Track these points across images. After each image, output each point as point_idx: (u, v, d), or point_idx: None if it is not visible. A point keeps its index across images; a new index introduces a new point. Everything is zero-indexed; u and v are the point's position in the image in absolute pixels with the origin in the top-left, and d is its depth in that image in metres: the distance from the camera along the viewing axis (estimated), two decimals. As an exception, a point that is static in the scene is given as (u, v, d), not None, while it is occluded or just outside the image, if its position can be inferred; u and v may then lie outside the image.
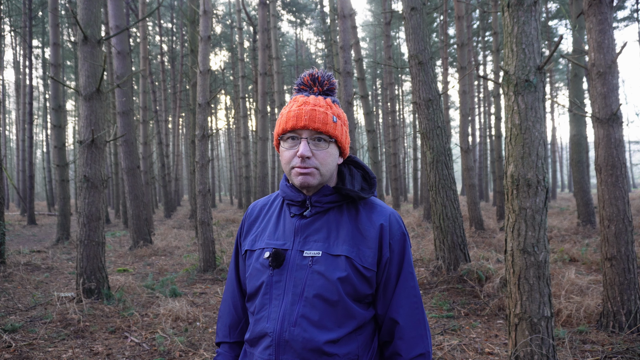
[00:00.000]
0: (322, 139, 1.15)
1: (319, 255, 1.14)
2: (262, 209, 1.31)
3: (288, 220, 1.21)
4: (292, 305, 1.12)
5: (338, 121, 1.18)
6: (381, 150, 31.49)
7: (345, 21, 9.37)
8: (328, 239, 1.16)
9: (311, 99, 1.19)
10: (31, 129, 16.83)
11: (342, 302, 1.12)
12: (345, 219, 1.18)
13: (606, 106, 3.74)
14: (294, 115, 1.15)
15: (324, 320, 1.11)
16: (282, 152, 1.19)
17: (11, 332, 3.97)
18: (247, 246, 1.26)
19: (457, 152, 40.39)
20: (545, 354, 2.64)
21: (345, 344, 1.13)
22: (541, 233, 2.69)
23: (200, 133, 6.96)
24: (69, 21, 18.76)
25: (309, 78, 1.23)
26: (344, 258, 1.13)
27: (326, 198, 1.18)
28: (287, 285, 1.14)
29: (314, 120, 1.14)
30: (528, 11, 2.66)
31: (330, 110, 1.18)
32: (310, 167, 1.14)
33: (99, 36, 5.12)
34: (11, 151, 41.33)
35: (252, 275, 1.21)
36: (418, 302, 1.20)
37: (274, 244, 1.19)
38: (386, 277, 1.18)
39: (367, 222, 1.18)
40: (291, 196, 1.21)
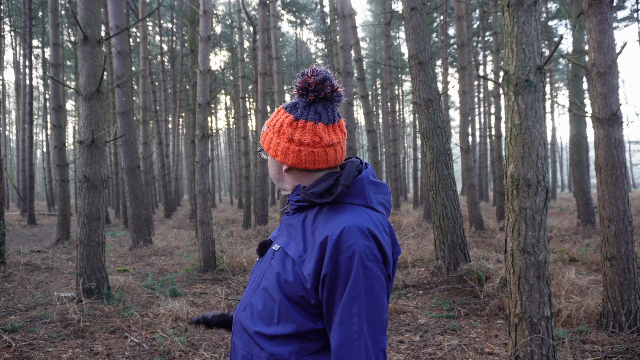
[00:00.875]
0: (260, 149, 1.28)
1: (278, 250, 1.17)
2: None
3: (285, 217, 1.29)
4: (251, 292, 1.19)
5: (267, 130, 1.19)
6: (381, 150, 31.49)
7: (345, 21, 9.37)
8: (290, 237, 1.16)
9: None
10: (31, 129, 16.84)
11: (282, 301, 1.10)
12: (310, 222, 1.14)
13: (606, 106, 3.74)
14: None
15: (265, 313, 1.13)
16: None
17: (11, 332, 3.97)
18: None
19: (457, 152, 40.40)
20: (545, 354, 2.64)
21: (278, 344, 1.10)
22: (541, 233, 2.69)
23: (200, 133, 6.96)
24: (69, 21, 18.76)
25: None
26: (291, 259, 1.11)
27: (295, 197, 1.19)
28: (257, 273, 1.22)
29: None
30: (528, 11, 2.66)
31: (268, 120, 1.20)
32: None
33: (99, 36, 5.12)
34: (11, 151, 41.33)
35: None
36: (358, 333, 1.00)
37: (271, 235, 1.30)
38: (328, 295, 1.04)
39: (320, 231, 1.09)
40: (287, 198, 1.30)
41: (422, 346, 3.64)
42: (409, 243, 8.65)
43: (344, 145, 1.20)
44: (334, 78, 1.16)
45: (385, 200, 1.18)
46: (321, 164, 1.15)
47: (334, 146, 1.15)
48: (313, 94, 1.12)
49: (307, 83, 1.12)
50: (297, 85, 1.14)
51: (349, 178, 1.12)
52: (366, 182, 1.14)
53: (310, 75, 1.12)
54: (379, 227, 1.08)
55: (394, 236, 1.13)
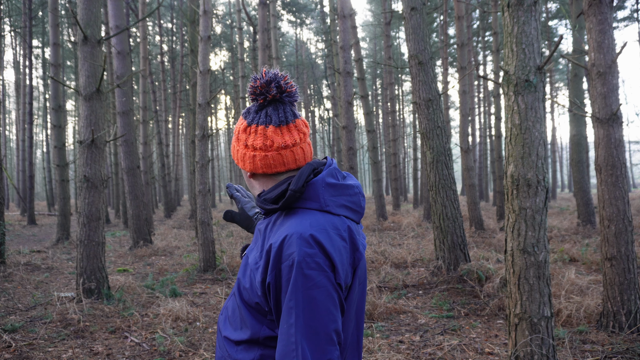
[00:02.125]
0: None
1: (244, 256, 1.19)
2: None
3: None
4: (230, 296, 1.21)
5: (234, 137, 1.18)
6: (381, 150, 31.50)
7: (345, 21, 9.37)
8: (255, 242, 1.17)
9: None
10: (31, 129, 16.83)
11: (242, 307, 1.12)
12: (269, 227, 1.12)
13: (606, 106, 3.74)
14: None
15: (234, 317, 1.15)
16: None
17: (11, 332, 3.97)
18: None
19: (457, 152, 40.40)
20: (545, 354, 2.64)
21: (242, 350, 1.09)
22: (541, 233, 2.69)
23: (200, 133, 6.96)
24: (69, 21, 18.76)
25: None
26: (250, 267, 1.11)
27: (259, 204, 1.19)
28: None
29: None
30: (528, 11, 2.66)
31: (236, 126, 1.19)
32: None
33: (99, 36, 5.12)
34: (11, 151, 41.33)
35: None
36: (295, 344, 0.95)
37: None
38: (274, 304, 1.03)
39: (268, 237, 1.09)
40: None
41: (422, 346, 3.64)
42: (409, 243, 8.65)
43: (304, 146, 1.14)
44: (285, 79, 1.12)
45: (351, 201, 1.11)
46: (278, 167, 1.11)
47: (290, 148, 1.10)
48: (261, 97, 1.11)
49: (254, 87, 1.11)
50: (249, 90, 1.13)
51: (299, 182, 1.07)
52: (320, 184, 1.08)
53: (257, 79, 1.11)
54: (330, 232, 1.02)
55: (355, 241, 1.06)
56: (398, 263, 6.95)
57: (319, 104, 36.95)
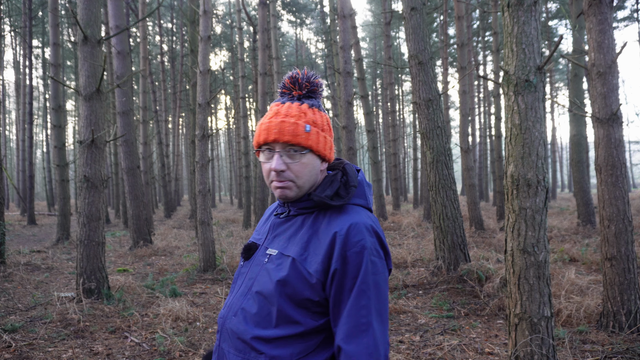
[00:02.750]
0: (294, 151, 1.12)
1: (275, 253, 1.15)
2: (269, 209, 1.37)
3: (272, 219, 1.26)
4: (241, 296, 1.16)
5: (312, 129, 1.13)
6: (381, 150, 31.49)
7: (345, 21, 9.37)
8: (289, 240, 1.16)
9: (283, 108, 1.15)
10: (31, 129, 16.84)
11: (281, 304, 1.09)
12: (310, 223, 1.16)
13: (606, 106, 3.74)
14: (264, 129, 1.14)
15: (261, 317, 1.11)
16: (261, 164, 1.19)
17: (11, 332, 3.97)
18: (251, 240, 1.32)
19: (457, 152, 40.39)
20: (545, 354, 2.64)
21: (279, 346, 1.09)
22: (541, 233, 2.69)
23: (200, 133, 6.96)
24: (69, 21, 18.76)
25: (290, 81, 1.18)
26: (291, 259, 1.11)
27: (300, 204, 1.17)
28: (247, 278, 1.19)
29: (283, 133, 1.11)
30: (528, 11, 2.66)
31: (304, 119, 1.13)
32: (285, 181, 1.12)
33: (99, 36, 5.12)
34: (11, 151, 41.33)
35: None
36: (366, 325, 1.03)
37: (253, 238, 1.28)
38: (336, 290, 1.07)
39: (325, 229, 1.12)
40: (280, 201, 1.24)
41: (422, 346, 3.64)
42: (409, 243, 8.65)
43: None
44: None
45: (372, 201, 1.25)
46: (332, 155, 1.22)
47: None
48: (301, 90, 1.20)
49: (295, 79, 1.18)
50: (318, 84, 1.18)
51: (356, 180, 1.18)
52: (365, 184, 1.21)
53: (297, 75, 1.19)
54: (378, 226, 1.15)
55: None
56: (398, 263, 6.95)
57: (319, 104, 36.87)
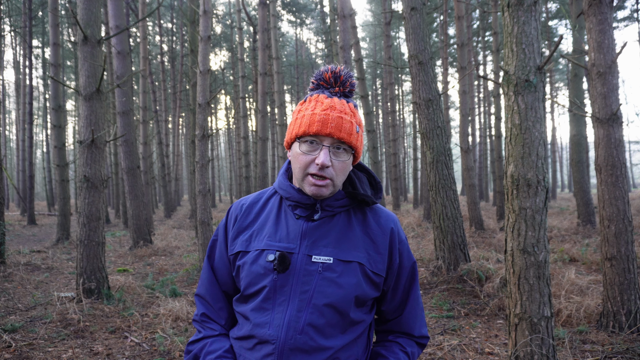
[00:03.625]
0: (342, 149, 1.09)
1: (330, 261, 1.09)
2: (252, 206, 1.22)
3: (292, 221, 1.14)
4: (298, 312, 1.06)
5: (360, 131, 1.13)
6: (381, 150, 31.48)
7: (345, 21, 9.37)
8: (338, 244, 1.11)
9: (336, 103, 1.10)
10: (31, 129, 16.83)
11: (351, 310, 1.09)
12: (354, 223, 1.15)
13: (606, 106, 3.74)
14: (320, 120, 1.07)
15: (330, 329, 1.08)
16: (296, 155, 1.11)
17: (11, 332, 3.97)
18: (240, 247, 1.16)
19: (457, 152, 40.40)
20: (545, 354, 2.64)
21: (348, 349, 1.11)
22: (541, 233, 2.69)
23: (200, 133, 6.96)
24: (69, 21, 18.75)
25: (331, 75, 1.14)
26: (357, 264, 1.10)
27: (338, 202, 1.14)
28: (294, 291, 1.08)
29: (340, 129, 1.07)
30: (528, 11, 2.66)
31: (355, 119, 1.12)
32: (326, 179, 1.08)
33: (99, 36, 5.12)
34: (11, 151, 41.32)
35: (248, 277, 1.12)
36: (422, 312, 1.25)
37: (277, 246, 1.11)
38: (395, 282, 1.18)
39: (376, 227, 1.16)
40: (298, 198, 1.13)
41: (422, 346, 3.64)
42: (409, 243, 8.64)
43: None
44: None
45: None
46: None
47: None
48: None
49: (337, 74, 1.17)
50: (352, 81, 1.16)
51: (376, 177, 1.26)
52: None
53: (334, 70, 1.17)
54: None
55: None
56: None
57: (319, 104, 36.86)
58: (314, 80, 1.16)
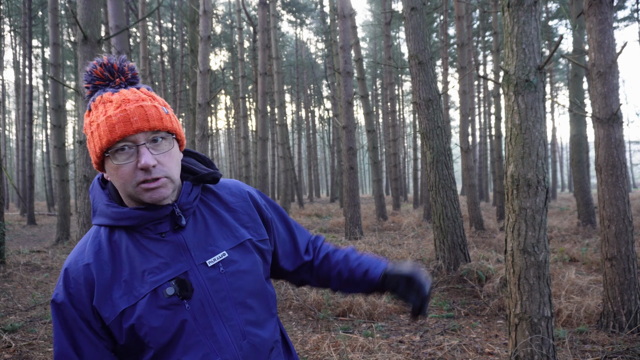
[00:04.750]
0: (160, 138, 0.93)
1: (226, 255, 0.99)
2: (98, 258, 0.95)
3: (160, 244, 0.96)
4: (230, 320, 0.96)
5: (169, 111, 0.97)
6: (381, 150, 31.50)
7: (345, 21, 9.37)
8: (219, 235, 1.01)
9: (127, 93, 0.94)
10: (31, 129, 16.85)
11: (265, 287, 1.05)
12: (215, 206, 1.05)
13: (606, 106, 3.74)
14: (119, 120, 0.89)
15: (261, 316, 1.02)
16: (113, 171, 0.92)
17: (11, 332, 3.97)
18: (122, 304, 0.92)
19: (457, 152, 40.41)
20: (546, 354, 2.64)
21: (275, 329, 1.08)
22: (541, 233, 2.69)
23: (200, 133, 6.96)
24: (69, 21, 18.76)
25: (102, 69, 0.96)
26: (247, 242, 1.04)
27: (192, 196, 1.00)
28: (213, 306, 0.95)
29: (148, 119, 0.91)
30: (528, 11, 2.65)
31: (156, 101, 0.96)
32: (160, 178, 0.92)
33: (98, 36, 5.12)
34: (11, 151, 41.33)
35: (154, 328, 0.92)
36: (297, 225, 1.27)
37: (165, 276, 0.93)
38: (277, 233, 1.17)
39: (234, 199, 1.09)
40: (151, 216, 0.94)
41: (422, 346, 3.64)
42: (409, 243, 8.65)
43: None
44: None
45: None
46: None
47: None
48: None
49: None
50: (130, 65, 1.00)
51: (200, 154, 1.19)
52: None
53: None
54: None
55: None
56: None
57: (319, 104, 36.94)
58: (87, 84, 0.98)
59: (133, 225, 0.95)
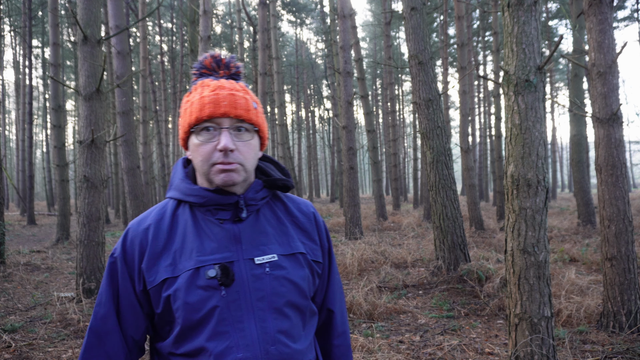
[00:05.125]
0: (244, 129, 0.99)
1: (275, 258, 1.00)
2: (158, 226, 1.02)
3: (217, 229, 1.00)
4: (263, 322, 0.96)
5: (258, 108, 1.03)
6: (381, 150, 31.51)
7: (345, 21, 9.37)
8: (275, 239, 1.03)
9: (224, 82, 1.01)
10: (31, 129, 16.84)
11: (308, 304, 1.05)
12: (280, 214, 1.08)
13: (606, 106, 3.74)
14: (210, 101, 0.97)
15: (295, 329, 1.00)
16: (195, 148, 0.99)
17: (11, 332, 3.97)
18: (164, 274, 0.97)
19: (457, 152, 40.40)
20: (546, 354, 2.64)
21: (310, 348, 1.06)
22: (541, 233, 2.69)
23: (200, 133, 6.96)
24: (69, 21, 18.75)
25: (212, 60, 1.06)
26: (300, 255, 1.05)
27: (259, 194, 1.04)
28: (249, 302, 0.96)
29: (235, 106, 0.97)
30: (528, 11, 2.65)
31: (249, 95, 1.03)
32: (234, 163, 0.96)
33: (98, 36, 5.12)
34: (11, 151, 41.33)
35: (187, 304, 0.94)
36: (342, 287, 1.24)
37: (212, 259, 0.97)
38: (328, 264, 1.17)
39: (301, 215, 1.11)
40: (217, 200, 0.99)
41: (422, 346, 3.64)
42: (409, 243, 8.65)
43: None
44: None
45: None
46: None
47: None
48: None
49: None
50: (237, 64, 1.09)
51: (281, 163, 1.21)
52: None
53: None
54: None
55: None
56: (398, 263, 6.95)
57: (319, 104, 36.95)
58: (196, 70, 1.07)
59: (198, 204, 1.01)
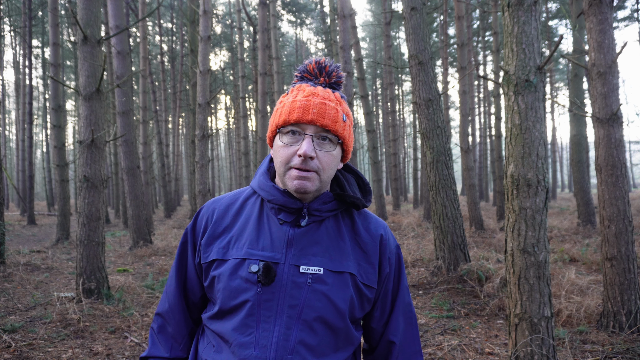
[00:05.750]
0: (328, 139, 0.99)
1: (320, 272, 0.98)
2: (227, 209, 1.09)
3: (276, 227, 1.02)
4: (287, 329, 0.96)
5: (347, 121, 1.03)
6: (381, 150, 31.50)
7: (345, 21, 9.37)
8: (328, 253, 1.01)
9: (320, 90, 1.02)
10: (31, 129, 16.83)
11: (345, 327, 1.01)
12: (344, 230, 1.05)
13: (606, 106, 3.74)
14: (300, 106, 0.98)
15: (323, 346, 0.98)
16: (278, 148, 1.01)
17: (11, 332, 3.97)
18: (215, 254, 1.03)
19: (457, 152, 40.40)
20: (546, 354, 2.64)
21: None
22: (541, 233, 2.69)
23: (200, 133, 6.96)
24: (69, 21, 18.75)
25: (315, 66, 1.05)
26: (348, 275, 1.01)
27: (326, 206, 1.03)
28: (281, 306, 0.96)
29: (323, 116, 0.97)
30: (528, 11, 2.65)
31: (341, 107, 1.02)
32: (310, 171, 0.97)
33: (98, 36, 5.12)
34: (11, 151, 41.33)
35: (226, 289, 0.99)
36: (413, 318, 1.13)
37: (260, 255, 0.99)
38: (384, 293, 1.09)
39: (366, 235, 1.07)
40: (283, 202, 1.01)
41: (422, 346, 3.64)
42: (409, 243, 8.65)
43: None
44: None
45: None
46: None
47: None
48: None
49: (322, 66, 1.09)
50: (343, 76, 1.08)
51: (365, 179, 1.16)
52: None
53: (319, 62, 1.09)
54: None
55: None
56: (398, 263, 6.93)
57: (319, 104, 36.87)
58: (298, 73, 1.08)
59: (268, 200, 1.04)
